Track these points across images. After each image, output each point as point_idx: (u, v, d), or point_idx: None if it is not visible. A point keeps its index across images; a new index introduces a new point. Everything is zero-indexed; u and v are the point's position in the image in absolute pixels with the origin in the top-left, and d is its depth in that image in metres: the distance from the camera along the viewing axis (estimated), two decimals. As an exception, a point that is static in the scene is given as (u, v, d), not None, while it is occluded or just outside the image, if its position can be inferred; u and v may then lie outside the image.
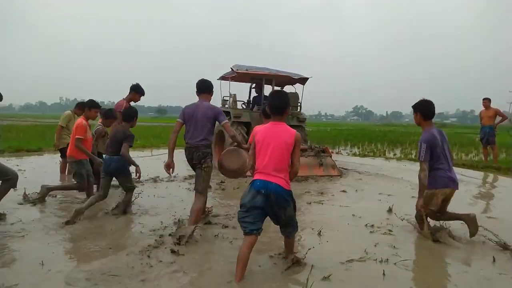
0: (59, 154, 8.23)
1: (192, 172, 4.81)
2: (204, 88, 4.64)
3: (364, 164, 11.42)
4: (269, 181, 3.14)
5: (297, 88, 10.56)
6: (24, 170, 8.33)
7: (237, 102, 10.38)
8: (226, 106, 10.39)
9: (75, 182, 5.75)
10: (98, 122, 6.59)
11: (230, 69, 9.91)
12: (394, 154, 14.36)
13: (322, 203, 6.12)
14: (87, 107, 5.67)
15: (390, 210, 5.64)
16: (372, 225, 4.88)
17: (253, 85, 10.91)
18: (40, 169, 8.67)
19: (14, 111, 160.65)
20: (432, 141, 4.25)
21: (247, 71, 9.65)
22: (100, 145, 6.42)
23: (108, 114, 5.99)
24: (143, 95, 6.55)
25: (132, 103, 6.41)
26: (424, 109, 4.37)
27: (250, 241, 3.17)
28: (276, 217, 3.31)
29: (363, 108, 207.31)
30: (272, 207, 3.19)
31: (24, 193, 5.77)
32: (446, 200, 4.35)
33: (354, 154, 14.21)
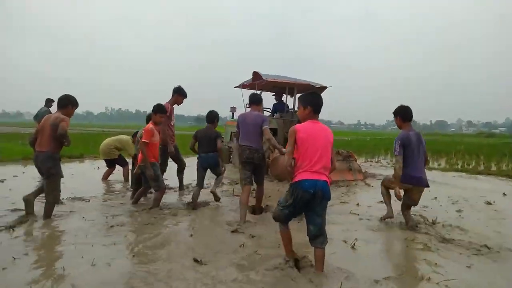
0: (102, 162, 8.60)
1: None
2: (254, 100, 5.45)
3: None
4: (318, 179, 3.18)
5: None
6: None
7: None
8: None
9: (153, 186, 5.68)
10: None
11: (252, 77, 10.26)
12: (439, 164, 13.60)
13: (358, 215, 5.78)
14: (153, 112, 5.76)
15: (433, 223, 5.23)
16: (413, 239, 4.52)
17: (273, 93, 11.28)
18: (80, 176, 8.86)
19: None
20: (405, 140, 4.81)
21: (274, 80, 9.91)
22: None
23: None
24: (186, 97, 6.70)
25: (175, 106, 6.66)
26: (402, 113, 5.02)
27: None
28: (313, 219, 3.29)
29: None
30: (315, 206, 3.25)
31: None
32: (413, 195, 4.98)
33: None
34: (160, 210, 5.52)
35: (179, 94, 6.65)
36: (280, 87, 10.78)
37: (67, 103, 4.94)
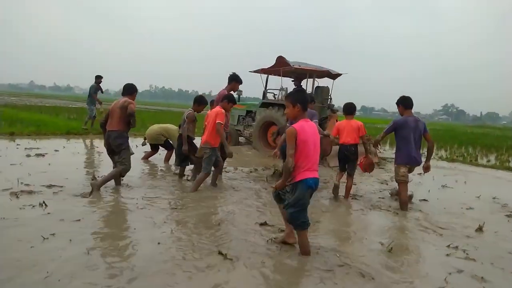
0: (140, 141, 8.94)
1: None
2: (309, 100, 5.97)
3: (450, 168, 10.25)
4: (317, 176, 3.49)
5: (327, 82, 11.55)
6: (102, 153, 8.74)
7: (269, 93, 11.61)
8: (272, 98, 11.40)
9: (203, 167, 5.91)
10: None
11: (276, 62, 10.38)
12: (488, 161, 12.73)
13: (396, 213, 5.44)
14: (226, 101, 6.08)
15: (479, 229, 4.81)
16: (457, 247, 4.14)
17: (292, 79, 11.62)
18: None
19: (110, 95, 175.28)
20: (401, 123, 5.56)
21: (301, 67, 10.15)
22: (191, 130, 6.53)
23: (201, 101, 6.53)
24: (241, 83, 6.96)
25: (232, 93, 6.83)
26: (403, 102, 5.70)
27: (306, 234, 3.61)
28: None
29: (454, 107, 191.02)
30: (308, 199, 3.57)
31: (93, 175, 5.97)
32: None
33: (441, 158, 12.87)
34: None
35: (236, 81, 6.86)
36: (299, 73, 10.89)
37: (133, 90, 5.72)
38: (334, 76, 10.94)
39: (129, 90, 5.69)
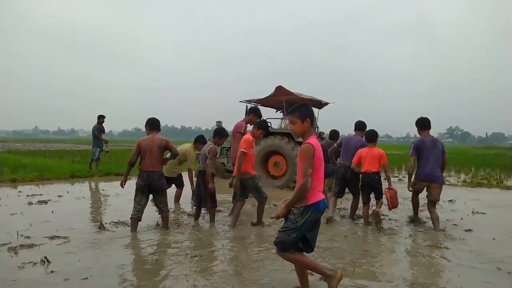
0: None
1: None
2: (361, 127, 6.56)
3: (479, 197, 9.59)
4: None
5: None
6: (108, 196, 8.20)
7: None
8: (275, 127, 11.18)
9: (258, 196, 5.67)
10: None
11: (275, 91, 10.40)
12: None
13: (446, 248, 4.80)
14: (257, 127, 5.79)
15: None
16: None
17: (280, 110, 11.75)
18: (126, 196, 8.44)
19: (114, 137, 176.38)
20: (419, 144, 5.74)
21: (301, 96, 10.27)
22: (214, 166, 6.04)
23: (222, 133, 6.12)
24: (260, 117, 6.71)
25: (248, 125, 6.78)
26: (419, 123, 5.93)
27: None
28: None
29: (459, 129, 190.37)
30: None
31: (101, 222, 5.41)
32: (431, 190, 5.73)
33: (465, 182, 12.17)
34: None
35: (254, 114, 6.67)
36: (291, 103, 10.74)
37: (159, 125, 5.49)
38: (321, 105, 11.48)
39: (156, 125, 5.49)
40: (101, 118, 12.52)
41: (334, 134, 7.95)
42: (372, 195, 6.07)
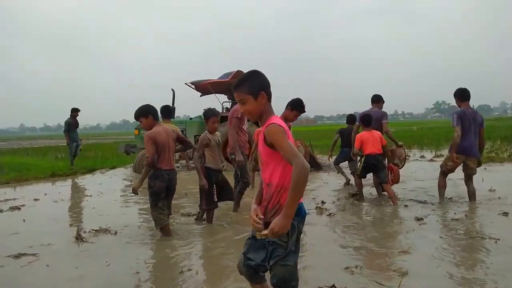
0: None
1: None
2: (375, 99, 6.74)
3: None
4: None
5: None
6: (90, 196, 7.36)
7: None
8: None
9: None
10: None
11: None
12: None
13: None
14: (290, 107, 4.71)
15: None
16: None
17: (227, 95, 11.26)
18: (110, 195, 7.60)
19: (101, 130, 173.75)
20: (462, 115, 5.43)
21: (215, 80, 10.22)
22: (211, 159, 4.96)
23: (209, 114, 4.96)
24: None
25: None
26: (459, 94, 5.60)
27: None
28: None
29: (445, 104, 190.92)
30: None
31: (77, 232, 4.57)
32: (469, 165, 5.57)
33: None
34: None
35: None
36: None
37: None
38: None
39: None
40: (75, 111, 11.67)
41: (351, 118, 7.68)
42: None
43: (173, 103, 10.91)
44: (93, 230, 4.75)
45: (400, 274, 3.13)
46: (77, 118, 11.80)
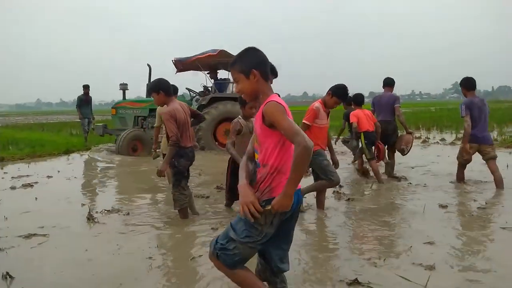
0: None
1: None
2: (389, 82, 6.68)
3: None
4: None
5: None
6: (106, 174, 7.27)
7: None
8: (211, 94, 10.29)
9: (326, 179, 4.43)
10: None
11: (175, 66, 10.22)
12: None
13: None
14: (329, 93, 4.34)
15: None
16: None
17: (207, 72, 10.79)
18: (124, 174, 7.51)
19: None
20: (470, 105, 5.48)
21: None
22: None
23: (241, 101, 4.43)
24: (276, 76, 5.01)
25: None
26: (465, 83, 5.69)
27: None
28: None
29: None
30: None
31: (89, 212, 4.45)
32: (484, 151, 5.55)
33: (495, 140, 11.01)
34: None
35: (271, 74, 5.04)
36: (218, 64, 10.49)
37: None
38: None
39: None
40: (85, 88, 11.74)
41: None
42: None
43: (149, 80, 10.13)
44: (105, 210, 4.65)
45: (427, 268, 2.92)
46: (91, 94, 11.83)
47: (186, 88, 11.00)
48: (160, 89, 4.08)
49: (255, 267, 2.33)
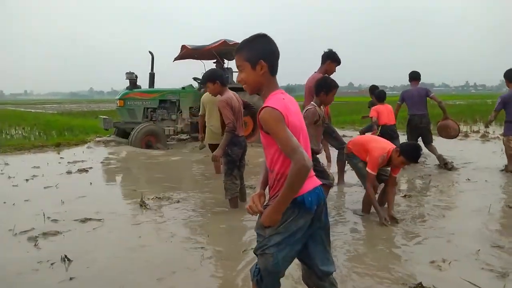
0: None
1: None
2: (415, 76, 6.83)
3: None
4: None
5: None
6: (158, 159, 7.39)
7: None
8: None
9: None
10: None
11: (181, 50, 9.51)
12: None
13: None
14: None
15: None
16: None
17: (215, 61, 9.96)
18: (177, 161, 7.62)
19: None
20: (508, 98, 5.75)
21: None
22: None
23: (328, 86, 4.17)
24: (340, 64, 5.04)
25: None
26: (508, 75, 5.82)
27: None
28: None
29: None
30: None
31: (142, 199, 4.52)
32: None
33: None
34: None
35: (332, 60, 4.95)
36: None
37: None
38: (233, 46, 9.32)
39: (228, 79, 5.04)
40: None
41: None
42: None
43: (152, 68, 9.89)
44: (156, 197, 4.71)
45: (500, 276, 2.67)
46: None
47: (193, 78, 10.37)
48: (216, 79, 4.15)
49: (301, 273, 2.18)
